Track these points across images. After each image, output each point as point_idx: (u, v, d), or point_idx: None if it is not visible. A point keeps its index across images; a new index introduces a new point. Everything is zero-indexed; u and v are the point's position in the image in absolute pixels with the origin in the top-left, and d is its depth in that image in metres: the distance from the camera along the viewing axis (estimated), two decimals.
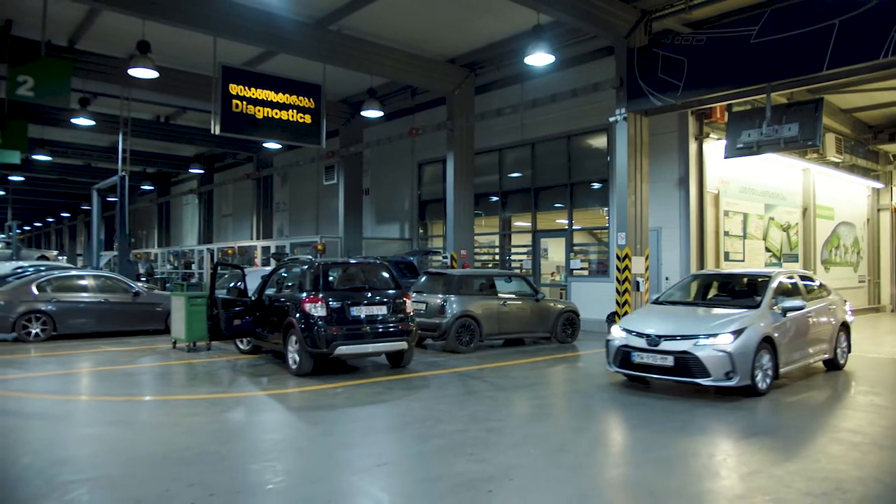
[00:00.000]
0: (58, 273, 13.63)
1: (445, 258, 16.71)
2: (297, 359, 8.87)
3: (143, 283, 16.43)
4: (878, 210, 20.46)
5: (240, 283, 10.19)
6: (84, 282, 13.26)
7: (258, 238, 26.88)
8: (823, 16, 9.90)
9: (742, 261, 14.88)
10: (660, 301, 9.07)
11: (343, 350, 8.72)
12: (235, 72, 13.31)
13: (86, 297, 12.91)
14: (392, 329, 9.08)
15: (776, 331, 7.78)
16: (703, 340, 7.33)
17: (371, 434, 6.17)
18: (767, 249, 15.88)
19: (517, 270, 16.88)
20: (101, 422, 6.76)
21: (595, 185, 15.88)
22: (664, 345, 7.51)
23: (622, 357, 7.92)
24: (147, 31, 12.56)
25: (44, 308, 12.34)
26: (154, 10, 11.70)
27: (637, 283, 12.27)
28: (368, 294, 9.22)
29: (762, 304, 7.95)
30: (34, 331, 12.20)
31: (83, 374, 9.54)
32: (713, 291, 9.52)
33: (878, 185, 19.90)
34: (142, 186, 35.45)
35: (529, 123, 16.53)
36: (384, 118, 18.18)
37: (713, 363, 7.21)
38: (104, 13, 13.22)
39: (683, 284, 9.75)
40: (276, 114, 13.71)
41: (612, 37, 12.50)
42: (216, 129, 12.95)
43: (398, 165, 20.90)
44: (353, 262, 10.81)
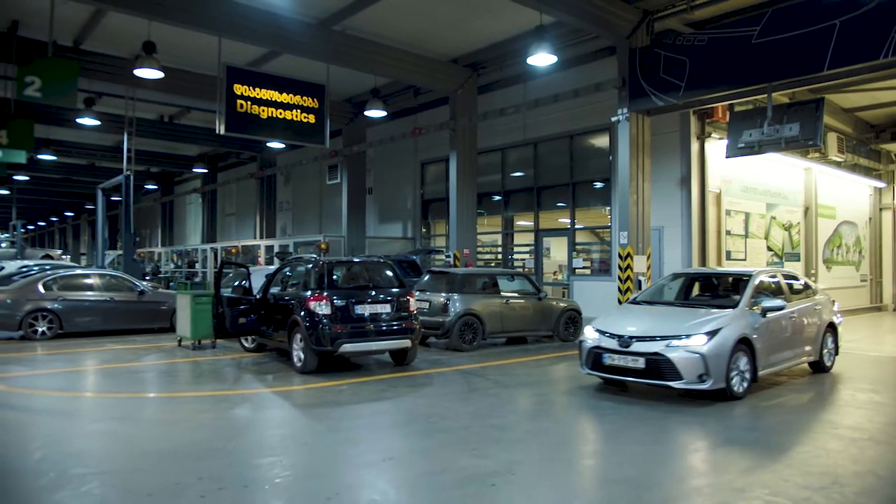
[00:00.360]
0: (64, 272, 13.68)
1: (448, 257, 16.78)
2: (302, 356, 8.95)
3: (148, 282, 16.53)
4: (881, 209, 20.46)
5: (244, 282, 10.27)
6: (90, 280, 13.33)
7: (261, 237, 26.93)
8: (824, 16, 9.95)
9: (744, 260, 14.93)
10: (637, 301, 8.70)
11: (347, 348, 8.79)
12: (240, 72, 13.40)
13: (91, 296, 12.98)
14: (396, 327, 9.15)
15: (755, 332, 7.45)
16: (676, 342, 7.01)
17: (376, 430, 6.25)
18: (769, 248, 15.92)
19: (520, 269, 16.95)
20: (109, 418, 6.85)
21: (597, 185, 15.95)
22: (636, 346, 7.19)
23: (594, 359, 7.57)
24: (152, 32, 12.63)
25: (50, 306, 12.43)
26: (159, 11, 11.80)
27: (639, 282, 12.32)
28: (372, 292, 9.28)
29: (740, 304, 7.63)
30: (41, 329, 12.29)
31: (90, 372, 9.63)
32: (695, 291, 9.16)
33: (880, 185, 19.91)
34: (146, 186, 35.59)
35: (532, 123, 16.58)
36: (387, 118, 18.26)
37: (685, 365, 6.89)
38: (109, 14, 13.35)
39: (663, 284, 9.38)
40: (280, 113, 13.79)
41: (614, 37, 12.57)
42: (221, 129, 13.03)
43: (401, 165, 20.98)
44: (357, 261, 10.88)
